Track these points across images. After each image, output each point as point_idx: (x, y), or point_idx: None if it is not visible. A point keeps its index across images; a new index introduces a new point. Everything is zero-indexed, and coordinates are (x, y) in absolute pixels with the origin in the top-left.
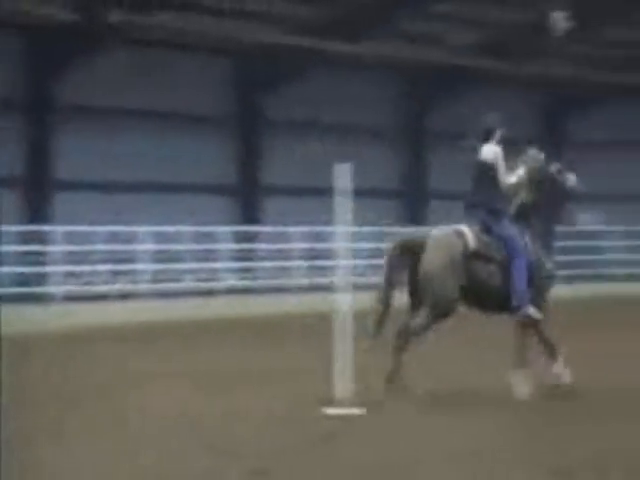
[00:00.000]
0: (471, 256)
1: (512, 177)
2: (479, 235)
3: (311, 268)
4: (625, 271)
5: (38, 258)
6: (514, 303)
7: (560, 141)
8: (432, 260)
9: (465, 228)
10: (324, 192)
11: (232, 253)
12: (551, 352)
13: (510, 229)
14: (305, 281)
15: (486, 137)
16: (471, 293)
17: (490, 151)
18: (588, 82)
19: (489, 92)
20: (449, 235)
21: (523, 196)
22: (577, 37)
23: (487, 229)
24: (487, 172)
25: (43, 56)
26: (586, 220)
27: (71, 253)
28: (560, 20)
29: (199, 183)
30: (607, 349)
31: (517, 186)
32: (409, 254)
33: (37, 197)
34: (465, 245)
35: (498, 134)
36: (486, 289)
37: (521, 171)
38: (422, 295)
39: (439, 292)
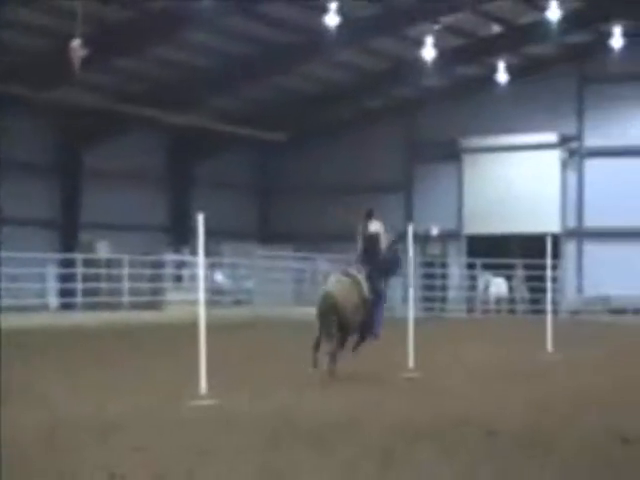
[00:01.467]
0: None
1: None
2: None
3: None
4: (131, 299)
5: None
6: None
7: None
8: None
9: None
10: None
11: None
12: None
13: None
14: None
15: (369, 216)
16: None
17: (377, 226)
18: (109, 112)
19: None
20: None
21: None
22: (98, 66)
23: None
24: (374, 240)
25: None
26: (102, 248)
27: None
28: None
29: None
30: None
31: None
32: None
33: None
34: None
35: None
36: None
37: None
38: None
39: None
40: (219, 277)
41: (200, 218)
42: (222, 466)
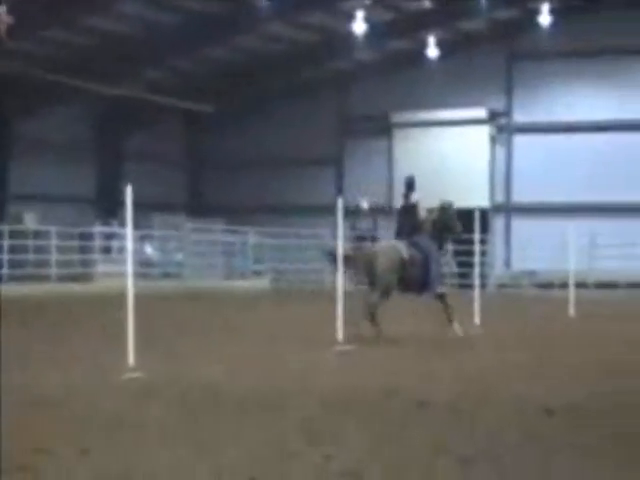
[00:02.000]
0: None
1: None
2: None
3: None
4: (59, 271)
5: None
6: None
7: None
8: (383, 262)
9: (399, 243)
10: None
11: None
12: (450, 315)
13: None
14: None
15: (409, 186)
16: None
17: (416, 196)
18: (39, 82)
19: None
20: (391, 247)
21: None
22: (27, 36)
23: (413, 244)
24: (412, 210)
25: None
26: (30, 220)
27: None
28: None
29: None
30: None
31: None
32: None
33: None
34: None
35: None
36: (413, 278)
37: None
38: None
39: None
40: (148, 249)
41: (129, 190)
42: (146, 438)
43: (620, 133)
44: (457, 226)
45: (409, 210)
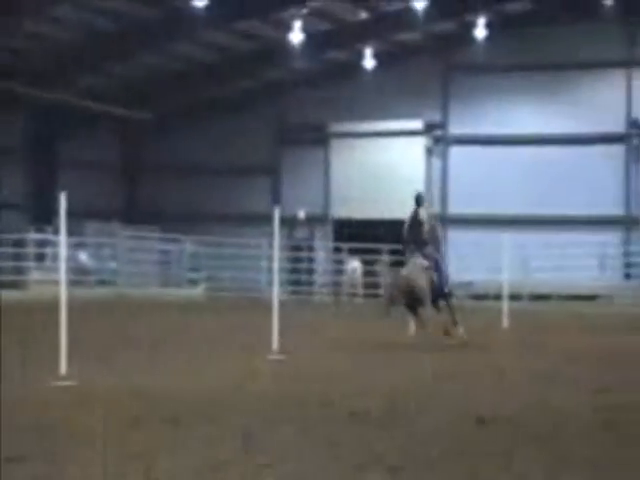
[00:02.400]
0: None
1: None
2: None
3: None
4: None
5: None
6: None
7: None
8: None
9: (420, 259)
10: None
11: None
12: (454, 318)
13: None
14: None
15: (418, 202)
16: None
17: (424, 213)
18: None
19: None
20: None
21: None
22: None
23: (424, 256)
24: (420, 225)
25: None
26: None
27: None
28: None
29: None
30: None
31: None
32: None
33: None
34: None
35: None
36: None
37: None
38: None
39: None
40: (83, 257)
41: (62, 197)
42: (80, 446)
43: (554, 147)
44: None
45: (417, 225)
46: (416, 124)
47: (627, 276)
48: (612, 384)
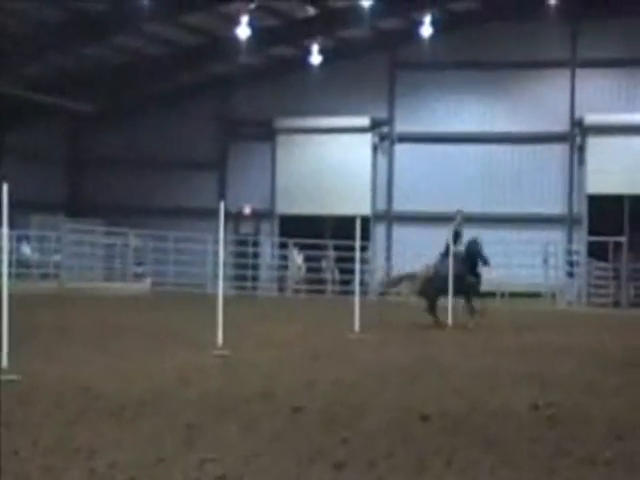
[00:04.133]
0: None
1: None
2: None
3: None
4: None
5: None
6: None
7: None
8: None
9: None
10: None
11: None
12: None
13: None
14: None
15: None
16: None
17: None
18: None
19: None
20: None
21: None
22: None
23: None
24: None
25: None
26: None
27: None
28: None
29: None
30: None
31: None
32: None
33: None
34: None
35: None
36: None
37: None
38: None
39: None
40: (26, 250)
41: (4, 188)
42: (22, 439)
43: (499, 145)
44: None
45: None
46: (363, 121)
47: (570, 274)
48: (555, 382)
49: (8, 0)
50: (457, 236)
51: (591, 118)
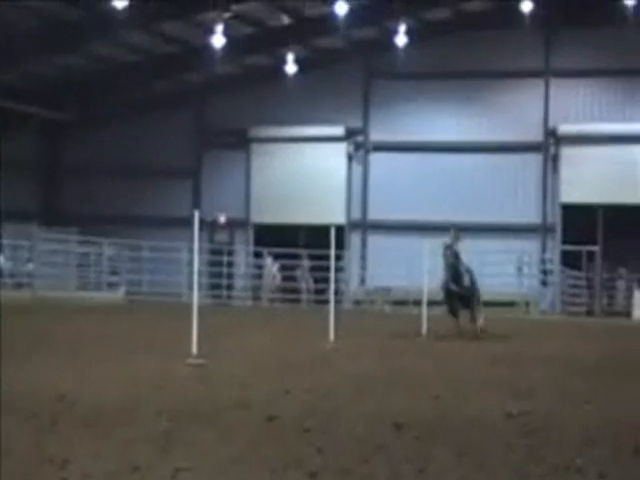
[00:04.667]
0: None
1: None
2: None
3: None
4: None
5: None
6: None
7: None
8: None
9: None
10: None
11: None
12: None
13: None
14: None
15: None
16: None
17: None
18: None
19: None
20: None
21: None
22: None
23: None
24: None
25: None
26: None
27: None
28: None
29: None
30: None
31: None
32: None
33: None
34: None
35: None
36: None
37: None
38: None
39: None
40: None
41: None
42: None
43: (473, 154)
44: None
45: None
46: (337, 130)
47: (543, 283)
48: (528, 389)
49: None
50: (456, 255)
51: (565, 128)
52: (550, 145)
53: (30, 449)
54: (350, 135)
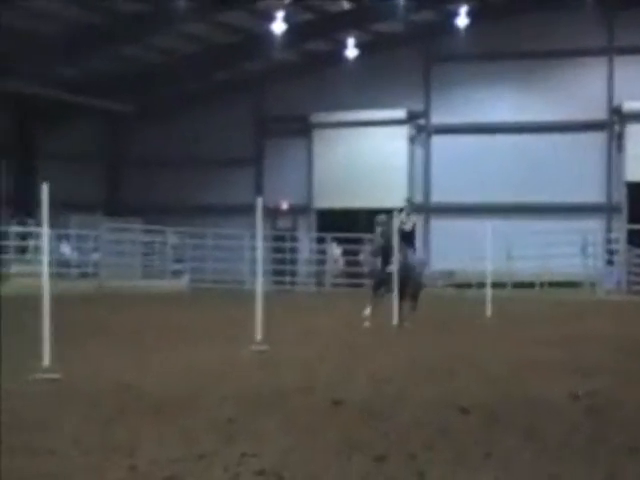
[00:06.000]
0: None
1: None
2: None
3: None
4: None
5: None
6: None
7: None
8: None
9: None
10: None
11: None
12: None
13: None
14: None
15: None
16: None
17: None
18: None
19: None
20: None
21: None
22: None
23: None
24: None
25: None
26: None
27: None
28: None
29: None
30: None
31: None
32: None
33: None
34: None
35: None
36: None
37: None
38: None
39: None
40: (66, 249)
41: (44, 189)
42: (62, 439)
43: (536, 135)
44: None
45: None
46: (399, 113)
47: (609, 262)
48: (594, 371)
49: (46, 1)
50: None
51: (630, 105)
52: (615, 123)
53: (97, 437)
54: (411, 118)
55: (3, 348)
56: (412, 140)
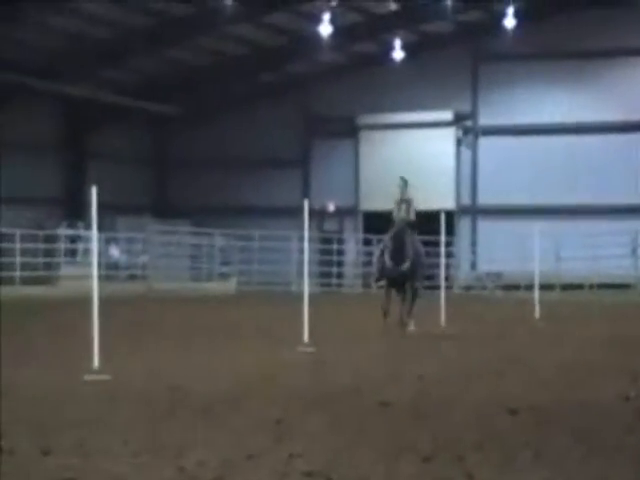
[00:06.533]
0: None
1: None
2: None
3: None
4: (23, 274)
5: None
6: None
7: None
8: None
9: None
10: None
11: None
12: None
13: None
14: None
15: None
16: None
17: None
18: (3, 83)
19: None
20: None
21: None
22: None
23: None
24: None
25: None
26: None
27: None
28: None
29: None
30: None
31: None
32: None
33: None
34: None
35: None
36: None
37: None
38: None
39: None
40: (114, 252)
41: (93, 191)
42: (112, 439)
43: (584, 135)
44: None
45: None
46: (446, 115)
47: None
48: None
49: (94, 5)
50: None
51: None
52: None
53: (146, 438)
54: (459, 120)
55: (54, 350)
56: (459, 141)
